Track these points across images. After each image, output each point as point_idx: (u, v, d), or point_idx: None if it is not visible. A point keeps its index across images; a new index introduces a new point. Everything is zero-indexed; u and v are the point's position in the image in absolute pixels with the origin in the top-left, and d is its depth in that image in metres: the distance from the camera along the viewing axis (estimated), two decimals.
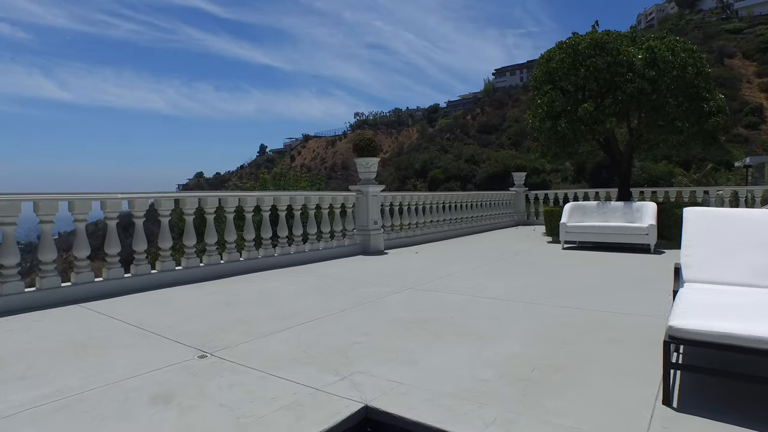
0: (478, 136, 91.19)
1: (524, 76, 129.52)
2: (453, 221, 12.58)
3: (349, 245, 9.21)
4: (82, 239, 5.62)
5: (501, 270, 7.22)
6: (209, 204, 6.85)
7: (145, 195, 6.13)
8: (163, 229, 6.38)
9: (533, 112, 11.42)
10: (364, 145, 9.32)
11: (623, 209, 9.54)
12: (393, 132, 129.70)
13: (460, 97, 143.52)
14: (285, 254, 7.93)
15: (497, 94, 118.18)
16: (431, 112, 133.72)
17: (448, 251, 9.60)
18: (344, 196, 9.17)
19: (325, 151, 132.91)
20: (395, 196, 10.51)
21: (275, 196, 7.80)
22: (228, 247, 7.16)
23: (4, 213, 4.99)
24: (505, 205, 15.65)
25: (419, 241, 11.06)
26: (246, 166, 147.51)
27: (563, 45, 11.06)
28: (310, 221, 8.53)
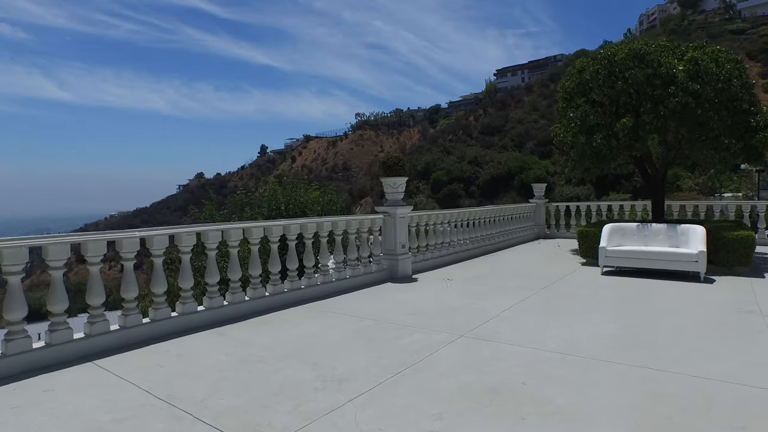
0: (480, 137, 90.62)
1: (526, 77, 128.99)
2: (476, 239, 11.99)
3: (377, 271, 8.61)
4: (97, 284, 5.02)
5: (549, 306, 6.62)
6: (233, 236, 6.25)
7: (164, 231, 5.52)
8: (184, 268, 5.77)
9: (564, 126, 10.83)
10: (392, 164, 8.73)
11: (666, 232, 8.93)
12: (394, 132, 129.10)
13: (462, 97, 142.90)
14: (312, 285, 7.34)
15: (499, 94, 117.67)
16: (432, 113, 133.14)
17: (480, 276, 9.00)
18: (371, 219, 8.57)
19: (326, 152, 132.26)
20: (421, 216, 9.92)
21: (302, 223, 7.21)
22: (253, 282, 6.56)
23: (9, 261, 4.39)
24: (525, 218, 15.07)
25: (445, 262, 10.47)
26: (247, 166, 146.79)
27: (597, 56, 10.47)
28: (336, 247, 7.94)
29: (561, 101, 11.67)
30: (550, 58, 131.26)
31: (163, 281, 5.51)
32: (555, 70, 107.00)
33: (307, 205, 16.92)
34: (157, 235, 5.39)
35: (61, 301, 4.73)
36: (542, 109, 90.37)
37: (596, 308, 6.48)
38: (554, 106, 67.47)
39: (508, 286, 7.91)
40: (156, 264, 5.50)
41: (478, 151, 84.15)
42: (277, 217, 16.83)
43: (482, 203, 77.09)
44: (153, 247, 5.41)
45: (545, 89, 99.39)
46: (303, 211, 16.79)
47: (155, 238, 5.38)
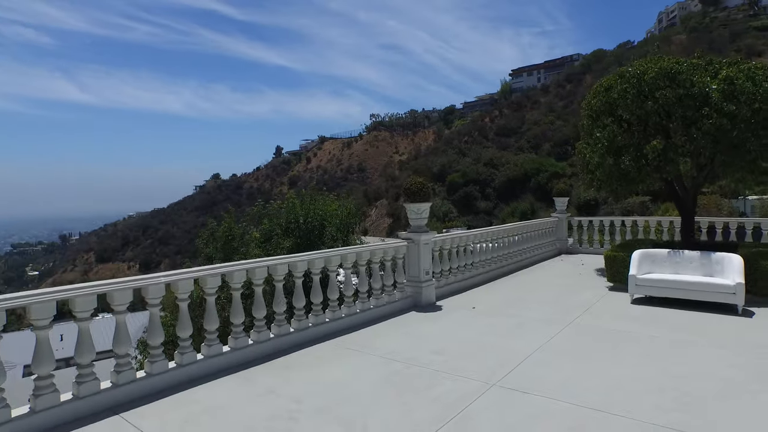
0: (496, 138, 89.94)
1: (542, 77, 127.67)
2: (499, 258, 11.77)
3: (401, 299, 8.46)
4: (123, 332, 4.94)
5: (582, 345, 6.39)
6: (258, 275, 6.14)
7: (189, 274, 5.43)
8: (210, 309, 5.68)
9: (591, 146, 10.55)
10: (416, 189, 8.56)
11: (700, 260, 8.62)
12: (409, 133, 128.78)
13: (477, 98, 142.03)
14: (336, 318, 7.21)
15: (515, 95, 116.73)
16: (447, 114, 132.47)
17: (505, 303, 8.80)
18: (395, 247, 8.41)
19: (341, 153, 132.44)
20: (444, 240, 9.73)
21: (326, 257, 7.08)
22: (277, 318, 6.45)
23: (37, 315, 4.32)
24: (547, 233, 14.79)
25: (468, 285, 10.28)
26: (262, 168, 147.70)
27: (625, 74, 10.18)
28: (360, 277, 7.81)
29: (586, 119, 11.40)
30: (567, 58, 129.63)
31: (189, 325, 5.42)
32: (572, 71, 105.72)
33: (326, 218, 16.85)
34: (182, 279, 5.31)
35: (89, 352, 4.65)
36: (558, 110, 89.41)
37: (632, 349, 6.23)
38: (571, 107, 67.34)
39: (535, 319, 7.69)
40: (181, 308, 5.41)
41: (493, 152, 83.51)
42: (295, 229, 16.78)
43: (498, 205, 76.52)
44: (178, 291, 5.32)
45: (561, 90, 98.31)
46: (322, 224, 16.71)
47: (180, 283, 5.30)
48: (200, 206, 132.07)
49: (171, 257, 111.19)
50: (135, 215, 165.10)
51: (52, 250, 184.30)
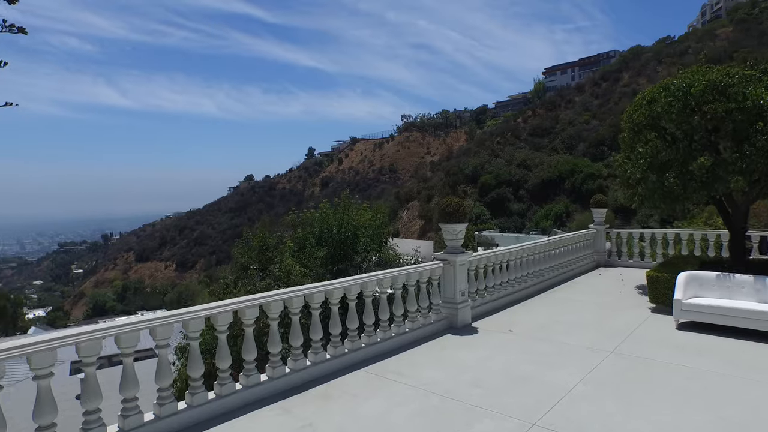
0: (529, 139, 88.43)
1: (576, 75, 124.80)
2: (535, 273, 11.53)
3: (436, 321, 8.38)
4: (165, 365, 5.03)
5: (625, 380, 6.16)
6: (295, 304, 6.17)
7: (228, 307, 5.49)
8: (248, 340, 5.74)
9: (633, 162, 10.20)
10: (452, 210, 8.45)
11: (754, 284, 8.21)
12: (440, 134, 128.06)
13: (509, 97, 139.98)
14: (372, 343, 7.18)
15: (549, 95, 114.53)
16: (479, 114, 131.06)
17: (542, 327, 8.58)
18: (431, 269, 8.33)
19: (373, 154, 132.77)
20: (480, 259, 9.59)
21: (362, 282, 7.06)
22: (314, 346, 6.47)
23: (86, 353, 4.44)
24: (585, 246, 14.40)
25: (504, 303, 10.11)
26: (294, 169, 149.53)
27: (670, 87, 9.79)
28: (396, 300, 7.76)
29: (627, 131, 11.04)
30: (602, 55, 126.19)
31: (228, 356, 5.49)
32: (608, 69, 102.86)
33: (359, 228, 16.88)
34: (221, 312, 5.37)
35: (134, 387, 4.75)
36: (594, 109, 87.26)
37: (680, 384, 5.97)
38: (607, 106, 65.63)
39: (574, 345, 7.47)
40: (220, 339, 5.48)
41: (527, 153, 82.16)
42: (328, 239, 16.89)
43: (531, 207, 75.25)
44: (218, 323, 5.39)
45: (597, 88, 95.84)
46: (355, 234, 16.77)
47: (219, 316, 5.36)
48: (234, 207, 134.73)
49: (206, 257, 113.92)
50: (172, 216, 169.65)
51: (95, 249, 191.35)
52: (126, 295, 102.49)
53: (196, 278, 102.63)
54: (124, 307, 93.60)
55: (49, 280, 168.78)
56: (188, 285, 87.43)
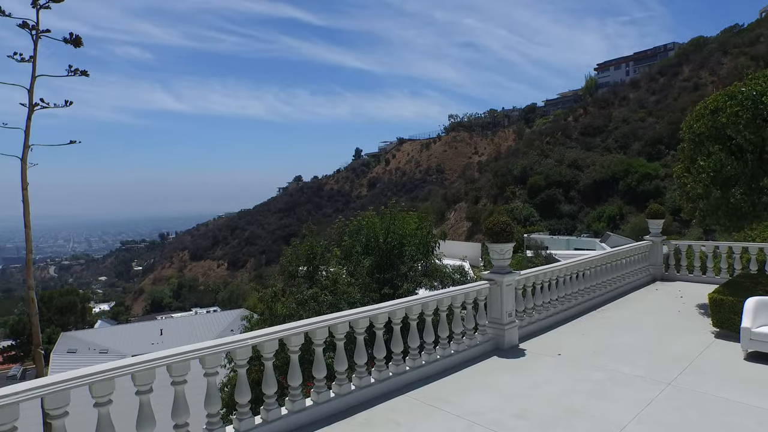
0: (581, 138, 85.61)
1: (631, 71, 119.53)
2: (585, 290, 11.11)
3: (482, 342, 8.23)
4: (214, 391, 5.17)
5: (686, 420, 5.82)
6: (340, 330, 6.20)
7: (274, 335, 5.58)
8: (293, 366, 5.82)
9: (693, 175, 9.65)
10: (499, 230, 8.27)
11: None
12: (488, 134, 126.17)
13: (559, 95, 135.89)
14: (417, 367, 7.14)
15: (601, 91, 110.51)
16: (528, 112, 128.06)
17: (595, 350, 8.25)
18: (477, 290, 8.18)
19: (420, 155, 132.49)
20: (528, 277, 9.33)
21: (407, 306, 7.01)
22: (358, 370, 6.48)
23: (141, 382, 4.62)
24: (640, 259, 13.76)
25: (552, 322, 9.80)
26: (342, 170, 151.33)
27: (737, 95, 9.19)
28: (441, 322, 7.67)
29: (687, 142, 10.46)
30: (659, 48, 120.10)
31: (274, 383, 5.59)
32: (666, 62, 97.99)
33: (405, 237, 16.84)
34: (267, 340, 5.47)
35: (185, 413, 4.92)
36: (650, 106, 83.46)
37: (749, 428, 5.57)
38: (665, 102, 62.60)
39: (628, 374, 7.12)
40: (267, 366, 5.59)
41: (578, 153, 79.62)
42: (374, 248, 16.94)
43: (583, 209, 72.86)
44: (264, 351, 5.49)
45: (654, 84, 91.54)
46: (401, 243, 16.74)
47: (266, 344, 5.46)
48: (283, 208, 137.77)
49: (256, 257, 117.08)
50: (224, 216, 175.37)
51: (153, 248, 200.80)
52: (181, 292, 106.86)
53: (247, 277, 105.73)
54: (179, 303, 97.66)
55: (112, 276, 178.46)
56: (239, 284, 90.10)
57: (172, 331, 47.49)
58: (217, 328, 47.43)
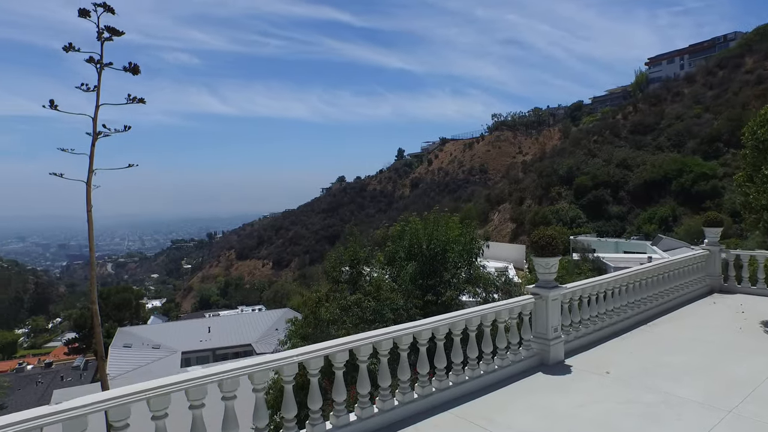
0: (630, 137, 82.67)
1: (685, 64, 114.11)
2: (636, 303, 10.74)
3: (526, 357, 8.11)
4: (262, 406, 5.34)
5: None
6: (384, 346, 6.27)
7: (320, 351, 5.70)
8: (338, 382, 5.94)
9: (758, 186, 9.17)
10: (545, 243, 8.13)
11: None
12: (533, 133, 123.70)
13: (607, 91, 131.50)
14: (460, 383, 7.11)
15: (652, 87, 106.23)
16: (574, 110, 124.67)
17: (646, 368, 7.95)
18: (521, 305, 8.07)
19: (463, 155, 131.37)
20: (574, 291, 9.11)
21: (451, 323, 7.01)
22: (402, 386, 6.53)
23: (194, 397, 4.83)
24: (695, 269, 13.16)
25: (600, 337, 9.53)
26: (384, 170, 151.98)
27: None
28: (485, 338, 7.61)
29: (750, 149, 9.95)
30: (718, 39, 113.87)
31: (319, 398, 5.71)
32: (726, 54, 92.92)
33: (449, 243, 16.77)
34: (313, 357, 5.60)
35: (234, 428, 5.10)
36: (707, 101, 79.53)
37: None
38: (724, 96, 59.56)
39: (683, 398, 6.83)
40: (312, 383, 5.72)
41: (627, 152, 76.91)
42: (418, 254, 16.96)
43: (632, 210, 70.31)
44: (310, 367, 5.63)
45: (711, 77, 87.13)
46: (444, 249, 16.70)
47: (311, 361, 5.60)
48: (327, 208, 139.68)
49: (300, 256, 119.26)
50: (269, 216, 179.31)
51: (201, 246, 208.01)
52: (228, 290, 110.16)
53: (291, 276, 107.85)
54: (226, 301, 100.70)
55: (164, 274, 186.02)
56: (283, 284, 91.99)
57: (219, 329, 49.10)
58: (262, 327, 48.71)
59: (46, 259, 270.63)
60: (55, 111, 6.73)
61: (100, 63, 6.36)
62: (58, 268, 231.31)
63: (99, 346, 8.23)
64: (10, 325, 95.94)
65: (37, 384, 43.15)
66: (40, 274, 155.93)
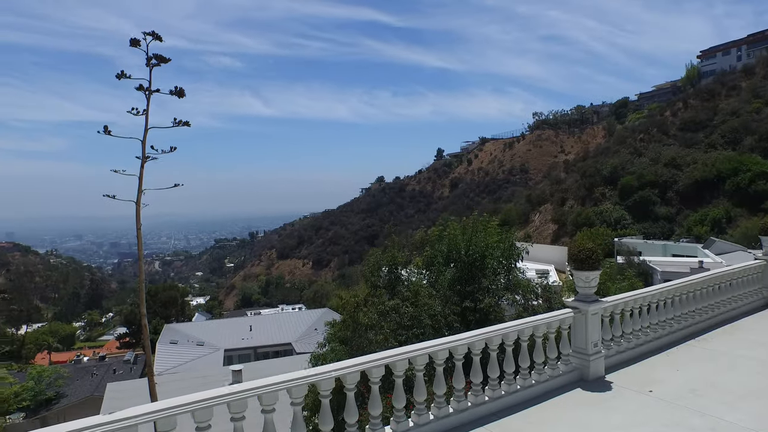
0: (680, 134, 79.26)
1: (743, 55, 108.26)
2: (682, 317, 10.36)
3: (565, 372, 7.98)
4: (299, 420, 5.49)
5: None
6: (419, 362, 6.33)
7: (355, 367, 5.81)
8: (374, 397, 6.03)
9: None
10: (584, 257, 7.98)
11: None
12: (575, 131, 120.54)
13: (655, 87, 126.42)
14: (496, 397, 7.09)
15: (705, 81, 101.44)
16: (619, 107, 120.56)
17: (693, 388, 7.66)
18: (560, 319, 7.95)
19: (503, 154, 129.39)
20: (616, 304, 8.88)
21: (487, 338, 6.99)
22: (437, 400, 6.57)
23: (235, 410, 5.03)
24: (750, 281, 12.56)
25: (643, 352, 9.24)
26: (424, 170, 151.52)
27: None
28: (522, 352, 7.54)
29: None
30: None
31: (355, 412, 5.83)
32: None
33: (488, 249, 16.63)
34: (350, 372, 5.72)
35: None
36: (767, 95, 75.29)
37: None
38: None
39: (735, 425, 6.51)
40: (348, 397, 5.83)
41: (677, 150, 73.78)
42: (456, 260, 16.90)
43: (682, 211, 67.45)
44: (346, 382, 5.75)
45: None
46: (483, 255, 16.57)
47: (348, 376, 5.72)
48: (366, 209, 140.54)
49: (340, 256, 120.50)
50: (309, 216, 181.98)
51: (243, 246, 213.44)
52: (269, 289, 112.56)
53: (330, 276, 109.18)
54: (267, 300, 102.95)
55: (207, 272, 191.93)
56: (323, 284, 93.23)
57: (260, 327, 50.24)
58: (302, 327, 49.52)
59: (99, 257, 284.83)
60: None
61: (149, 89, 6.74)
62: (110, 265, 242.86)
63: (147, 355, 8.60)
64: (69, 318, 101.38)
65: (92, 375, 45.34)
66: (95, 270, 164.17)
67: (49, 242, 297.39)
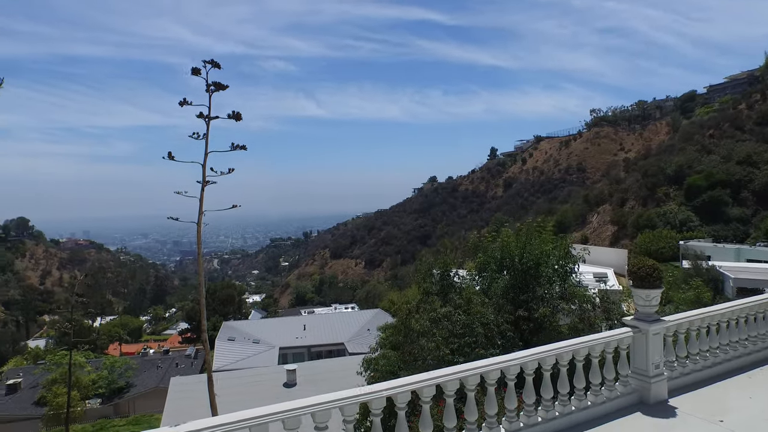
0: (756, 129, 74.16)
1: None
2: (758, 337, 9.69)
3: (623, 394, 7.68)
4: None
5: None
6: (471, 381, 6.30)
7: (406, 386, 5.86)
8: (425, 416, 6.06)
9: None
10: (645, 275, 7.65)
11: None
12: (636, 128, 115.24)
13: (727, 78, 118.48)
14: (550, 419, 6.94)
15: None
16: (686, 101, 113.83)
17: None
18: (618, 339, 7.66)
19: (558, 153, 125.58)
20: (680, 323, 8.45)
21: (540, 357, 6.85)
22: (488, 420, 6.51)
23: (290, 426, 5.21)
24: None
25: (712, 374, 8.72)
26: (477, 170, 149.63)
27: None
28: (578, 372, 7.34)
29: None
30: None
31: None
32: None
33: (542, 257, 16.25)
34: (401, 392, 5.78)
35: None
36: None
37: None
38: None
39: None
40: (399, 416, 5.89)
41: (752, 147, 69.03)
42: (510, 267, 16.61)
43: (758, 212, 63.01)
44: (397, 401, 5.81)
45: None
46: (537, 263, 16.21)
47: (399, 396, 5.77)
48: (418, 209, 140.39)
49: (392, 256, 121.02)
50: (361, 216, 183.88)
51: (298, 245, 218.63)
52: (322, 288, 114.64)
53: (383, 276, 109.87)
54: (321, 299, 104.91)
55: (263, 271, 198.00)
56: (375, 285, 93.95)
57: (314, 326, 51.27)
58: (355, 327, 50.12)
59: (163, 254, 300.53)
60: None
61: (209, 116, 7.10)
62: (172, 262, 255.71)
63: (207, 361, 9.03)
64: (136, 312, 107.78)
65: (157, 368, 48.03)
66: (159, 267, 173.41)
67: (119, 240, 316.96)
